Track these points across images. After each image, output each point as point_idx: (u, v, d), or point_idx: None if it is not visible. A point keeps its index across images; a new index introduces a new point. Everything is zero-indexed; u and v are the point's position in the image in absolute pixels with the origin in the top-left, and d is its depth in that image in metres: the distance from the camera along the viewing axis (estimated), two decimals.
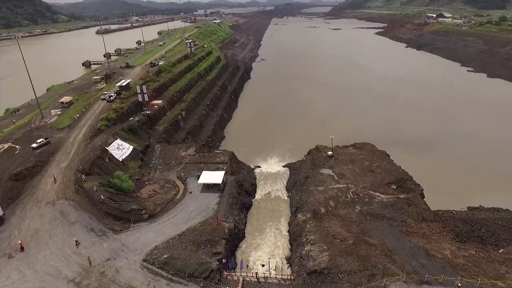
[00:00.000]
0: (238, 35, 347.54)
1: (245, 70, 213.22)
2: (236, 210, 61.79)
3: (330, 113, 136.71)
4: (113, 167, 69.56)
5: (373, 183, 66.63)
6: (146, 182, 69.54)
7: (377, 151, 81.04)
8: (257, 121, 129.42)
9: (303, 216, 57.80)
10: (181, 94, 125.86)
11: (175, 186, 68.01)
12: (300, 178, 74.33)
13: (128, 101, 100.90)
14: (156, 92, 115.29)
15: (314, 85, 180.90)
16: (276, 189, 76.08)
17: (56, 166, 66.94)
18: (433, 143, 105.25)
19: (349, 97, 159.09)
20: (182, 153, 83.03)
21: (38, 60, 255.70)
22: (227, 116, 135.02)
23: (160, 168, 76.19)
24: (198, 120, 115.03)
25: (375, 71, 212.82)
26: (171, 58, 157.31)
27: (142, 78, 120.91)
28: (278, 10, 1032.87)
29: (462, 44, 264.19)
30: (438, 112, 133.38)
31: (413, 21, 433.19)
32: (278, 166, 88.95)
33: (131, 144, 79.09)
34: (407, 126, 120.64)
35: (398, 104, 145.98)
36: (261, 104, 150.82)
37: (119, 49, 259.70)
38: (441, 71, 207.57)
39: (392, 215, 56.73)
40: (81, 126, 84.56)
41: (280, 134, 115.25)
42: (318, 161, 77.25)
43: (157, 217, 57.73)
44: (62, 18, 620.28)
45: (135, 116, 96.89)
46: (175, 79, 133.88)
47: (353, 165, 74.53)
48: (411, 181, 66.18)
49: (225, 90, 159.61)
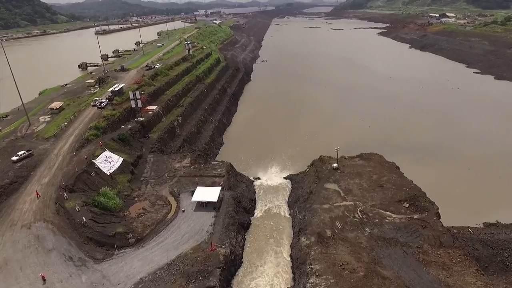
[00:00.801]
0: (238, 35, 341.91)
1: (245, 72, 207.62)
2: (233, 232, 56.05)
3: (333, 117, 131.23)
4: (100, 182, 63.92)
5: (383, 200, 60.89)
6: (135, 198, 63.94)
7: (385, 163, 75.26)
8: (257, 126, 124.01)
9: (307, 240, 52.07)
10: (177, 99, 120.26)
11: (167, 204, 62.36)
12: (303, 193, 68.65)
13: (120, 107, 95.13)
14: (151, 97, 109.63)
15: (316, 87, 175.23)
16: (277, 205, 70.30)
17: (37, 182, 61.31)
18: (442, 150, 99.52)
19: (352, 99, 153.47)
20: (176, 165, 77.36)
21: (34, 62, 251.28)
22: (226, 121, 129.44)
23: (151, 182, 70.53)
24: (195, 126, 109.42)
25: (378, 72, 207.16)
26: (168, 60, 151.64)
27: (137, 82, 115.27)
28: (279, 10, 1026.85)
29: (467, 45, 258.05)
30: (446, 117, 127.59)
31: (416, 21, 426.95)
32: (279, 177, 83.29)
33: (121, 155, 73.47)
34: (413, 131, 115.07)
35: (403, 107, 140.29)
36: (262, 108, 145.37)
37: (117, 50, 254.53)
38: (446, 73, 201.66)
39: (406, 239, 50.96)
40: (68, 136, 78.81)
41: (281, 140, 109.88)
42: (322, 174, 71.49)
43: (145, 241, 52.06)
44: (62, 19, 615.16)
45: (127, 123, 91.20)
46: (171, 83, 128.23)
47: (360, 179, 68.78)
48: (424, 198, 60.36)
49: (224, 93, 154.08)
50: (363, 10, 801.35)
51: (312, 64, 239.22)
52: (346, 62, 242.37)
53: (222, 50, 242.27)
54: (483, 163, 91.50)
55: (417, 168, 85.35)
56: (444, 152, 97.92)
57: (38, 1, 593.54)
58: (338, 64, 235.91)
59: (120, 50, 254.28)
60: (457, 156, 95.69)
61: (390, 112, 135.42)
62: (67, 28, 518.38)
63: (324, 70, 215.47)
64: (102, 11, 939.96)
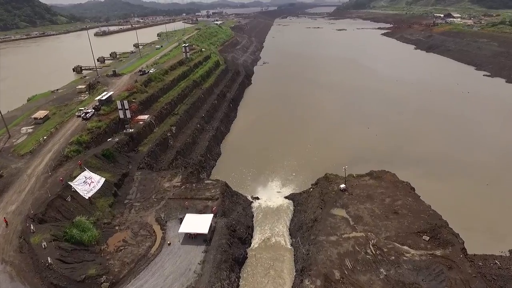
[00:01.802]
0: (239, 36, 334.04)
1: (246, 75, 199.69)
2: (226, 271, 48.19)
3: (337, 124, 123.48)
4: (76, 209, 56.26)
5: (399, 231, 52.96)
6: (116, 227, 56.21)
7: (399, 183, 67.22)
8: (257, 134, 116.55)
9: (312, 284, 44.20)
10: (172, 106, 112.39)
11: (151, 234, 54.57)
12: (306, 220, 60.75)
13: (107, 118, 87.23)
14: (143, 106, 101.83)
15: (319, 91, 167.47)
16: (277, 232, 62.21)
17: (2, 210, 53.60)
18: (456, 161, 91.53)
19: (357, 104, 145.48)
20: (166, 184, 69.65)
21: (29, 65, 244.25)
22: (225, 129, 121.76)
23: (136, 205, 62.81)
24: (190, 136, 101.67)
25: (384, 75, 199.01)
26: (164, 64, 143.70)
27: (128, 89, 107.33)
28: (281, 10, 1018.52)
29: (475, 46, 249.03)
30: (457, 123, 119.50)
31: (421, 22, 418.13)
32: (280, 196, 75.39)
33: (103, 175, 65.73)
34: (423, 140, 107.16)
35: (412, 113, 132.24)
36: (262, 113, 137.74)
37: (115, 52, 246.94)
38: (455, 75, 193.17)
39: (429, 284, 43.03)
40: (45, 152, 70.99)
41: (283, 149, 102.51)
42: (328, 196, 63.62)
43: (121, 284, 44.39)
44: (61, 20, 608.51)
45: (114, 136, 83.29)
46: (166, 89, 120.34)
47: (371, 202, 60.85)
48: (447, 229, 52.36)
49: (223, 99, 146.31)
50: (366, 10, 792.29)
51: (315, 65, 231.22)
52: (350, 64, 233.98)
53: (222, 52, 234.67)
54: (502, 176, 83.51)
55: (430, 184, 77.67)
56: (458, 164, 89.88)
57: (38, 2, 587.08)
58: (341, 66, 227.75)
59: (117, 53, 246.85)
60: (473, 168, 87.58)
61: (397, 118, 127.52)
62: (66, 29, 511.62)
63: (327, 72, 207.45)
64: (104, 12, 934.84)
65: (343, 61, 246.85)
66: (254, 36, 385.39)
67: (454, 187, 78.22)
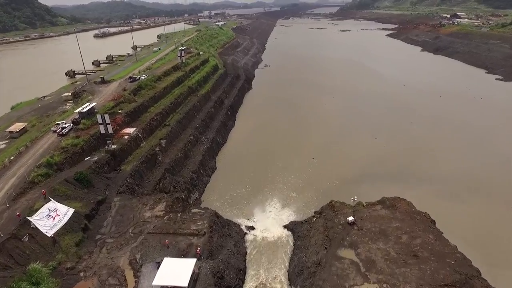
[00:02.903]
0: (241, 38, 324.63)
1: (246, 79, 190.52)
2: None
3: (342, 134, 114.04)
4: (33, 251, 47.20)
5: (421, 282, 43.36)
6: (81, 273, 47.01)
7: (416, 214, 57.48)
8: (256, 145, 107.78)
9: None
10: (163, 116, 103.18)
11: (122, 284, 45.21)
12: (308, 262, 51.24)
13: (86, 133, 77.77)
14: (130, 117, 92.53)
15: (322, 96, 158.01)
16: (275, 277, 52.48)
17: None
18: (477, 180, 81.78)
19: (363, 111, 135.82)
20: (147, 214, 60.46)
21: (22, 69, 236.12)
22: (221, 140, 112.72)
23: (109, 242, 53.57)
24: (182, 150, 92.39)
25: (390, 78, 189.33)
26: (157, 69, 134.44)
27: (115, 98, 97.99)
28: (284, 11, 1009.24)
29: (485, 48, 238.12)
30: (473, 134, 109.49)
31: (427, 22, 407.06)
32: (278, 225, 66.00)
33: (72, 205, 56.49)
34: (436, 153, 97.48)
35: (422, 121, 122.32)
36: (262, 121, 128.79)
37: (111, 55, 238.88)
38: (465, 80, 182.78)
39: None
40: (8, 177, 61.74)
41: (283, 163, 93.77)
42: (334, 231, 54.12)
43: None
44: (62, 21, 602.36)
45: (93, 154, 74.13)
46: (158, 97, 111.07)
47: (385, 241, 51.30)
48: (480, 282, 42.87)
49: (221, 106, 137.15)
50: (369, 10, 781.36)
51: (318, 68, 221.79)
52: (354, 66, 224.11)
53: (222, 54, 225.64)
54: None
55: (449, 208, 68.57)
56: (479, 183, 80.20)
57: (38, 3, 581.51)
58: (346, 68, 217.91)
59: (114, 55, 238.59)
60: (498, 188, 77.98)
61: (407, 128, 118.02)
62: (66, 31, 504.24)
63: (331, 75, 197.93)
64: (106, 13, 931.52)
65: (347, 63, 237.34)
66: (256, 37, 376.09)
67: (479, 213, 68.42)
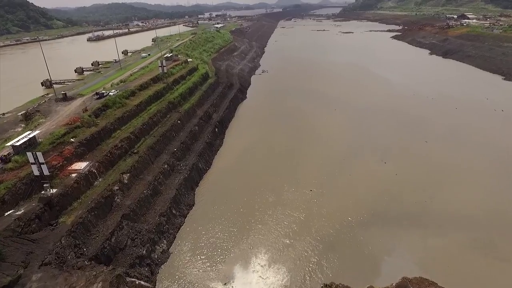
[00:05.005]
0: (238, 41, 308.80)
1: (240, 88, 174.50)
2: None
3: (346, 158, 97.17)
4: None
5: None
6: None
7: None
8: (245, 171, 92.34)
9: None
10: (131, 142, 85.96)
11: None
12: None
13: (15, 175, 60.31)
14: (85, 147, 75.12)
15: (323, 108, 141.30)
16: None
17: None
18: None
19: (370, 127, 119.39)
20: None
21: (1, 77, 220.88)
22: (204, 165, 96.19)
23: None
24: (150, 186, 75.44)
25: (398, 86, 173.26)
26: (133, 82, 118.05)
27: (70, 122, 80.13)
28: (286, 12, 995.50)
29: (499, 52, 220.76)
30: (502, 159, 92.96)
31: (433, 23, 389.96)
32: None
33: None
34: (461, 184, 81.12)
35: (438, 141, 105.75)
36: (254, 140, 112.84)
37: (97, 62, 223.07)
38: (481, 87, 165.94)
39: None
40: None
41: (275, 195, 79.02)
42: None
43: None
44: (58, 24, 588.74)
45: (20, 205, 56.89)
46: (127, 117, 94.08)
47: None
48: None
49: (207, 122, 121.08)
50: (373, 11, 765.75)
51: (320, 74, 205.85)
52: (358, 72, 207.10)
53: (216, 60, 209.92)
54: None
55: (488, 267, 52.53)
56: None
57: (34, 6, 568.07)
58: (349, 75, 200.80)
59: (100, 62, 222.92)
60: None
61: (421, 148, 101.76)
62: (60, 34, 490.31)
63: (333, 83, 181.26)
64: (107, 15, 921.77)
65: (351, 68, 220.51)
66: (256, 40, 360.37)
67: None
